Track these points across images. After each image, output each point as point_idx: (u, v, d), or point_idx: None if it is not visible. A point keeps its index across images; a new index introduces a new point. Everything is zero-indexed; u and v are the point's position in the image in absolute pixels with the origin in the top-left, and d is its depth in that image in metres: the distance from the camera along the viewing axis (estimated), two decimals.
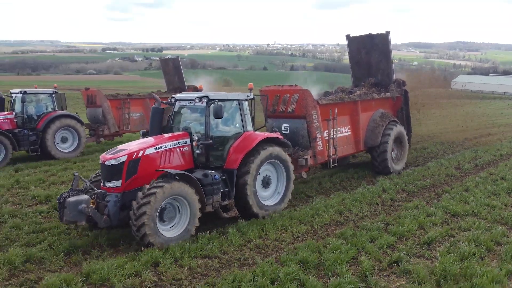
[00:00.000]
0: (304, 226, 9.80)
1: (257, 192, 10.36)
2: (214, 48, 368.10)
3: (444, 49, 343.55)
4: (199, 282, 7.13)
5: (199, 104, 10.02)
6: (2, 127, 18.05)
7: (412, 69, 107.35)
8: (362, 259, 7.84)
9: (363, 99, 14.14)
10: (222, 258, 8.12)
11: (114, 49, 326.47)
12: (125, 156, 8.91)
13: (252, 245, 8.74)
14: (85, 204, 8.46)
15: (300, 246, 8.48)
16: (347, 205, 11.25)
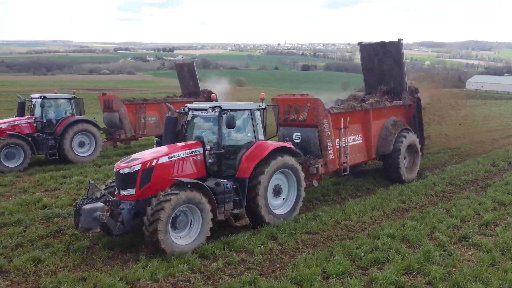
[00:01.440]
0: (378, 212, 11.82)
1: (269, 201, 10.54)
2: (225, 48, 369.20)
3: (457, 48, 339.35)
4: (314, 250, 9.14)
5: (212, 114, 10.23)
6: (22, 131, 18.51)
7: (424, 68, 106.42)
8: (436, 235, 9.82)
9: (375, 107, 14.19)
10: (323, 234, 10.20)
11: (126, 49, 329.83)
12: (139, 165, 9.18)
13: (341, 225, 10.78)
14: (100, 212, 8.75)
15: (383, 225, 10.51)
16: (407, 195, 13.23)
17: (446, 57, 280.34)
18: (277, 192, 10.96)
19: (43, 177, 16.08)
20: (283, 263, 8.55)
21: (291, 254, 9.02)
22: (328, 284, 7.59)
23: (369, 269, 8.13)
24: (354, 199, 12.91)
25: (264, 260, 8.69)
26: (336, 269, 7.97)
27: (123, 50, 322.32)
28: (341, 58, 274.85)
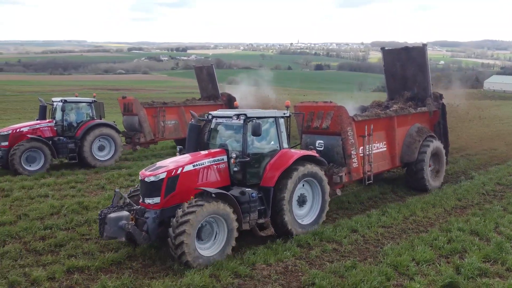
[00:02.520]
0: (439, 209, 12.69)
1: (293, 210, 10.39)
2: (238, 47, 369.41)
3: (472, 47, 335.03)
4: (395, 241, 10.19)
5: (236, 122, 10.12)
6: (43, 135, 18.60)
7: (439, 68, 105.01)
8: (501, 230, 10.78)
9: (400, 114, 13.95)
10: (396, 227, 11.23)
11: (139, 49, 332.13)
12: (164, 173, 9.09)
13: (410, 220, 11.78)
14: (125, 221, 8.67)
15: (450, 220, 11.55)
16: (461, 194, 14.01)
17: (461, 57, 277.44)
18: (301, 202, 10.81)
19: (112, 175, 17.08)
20: (370, 252, 9.69)
21: (374, 245, 10.12)
22: (421, 268, 8.70)
23: (450, 258, 9.24)
24: (413, 197, 13.91)
25: (353, 249, 9.80)
26: (423, 257, 9.05)
27: (137, 49, 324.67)
28: (354, 58, 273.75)
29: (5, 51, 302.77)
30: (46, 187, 15.45)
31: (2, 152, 17.96)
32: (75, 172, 17.98)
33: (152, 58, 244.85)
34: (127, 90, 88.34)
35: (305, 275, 8.42)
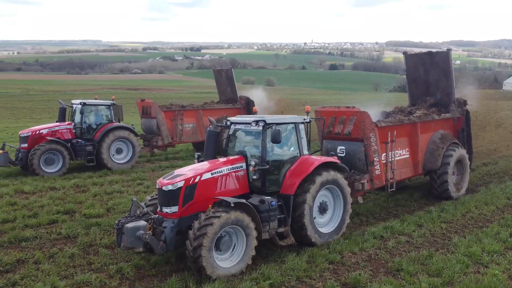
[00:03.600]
0: (492, 206, 13.40)
1: (314, 219, 10.12)
2: (252, 47, 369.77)
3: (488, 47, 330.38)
4: (460, 235, 11.05)
5: (255, 128, 9.90)
6: (62, 137, 18.69)
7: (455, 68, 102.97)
8: None
9: (423, 121, 13.65)
10: (457, 222, 12.08)
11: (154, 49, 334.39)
12: (182, 182, 8.91)
13: (468, 216, 12.56)
14: (142, 231, 8.45)
15: (505, 217, 12.41)
16: (509, 193, 14.75)
17: (478, 57, 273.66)
18: (322, 210, 10.52)
19: None
20: (440, 244, 10.57)
21: (441, 238, 10.99)
22: (493, 258, 9.51)
23: None
24: (466, 195, 14.58)
25: (423, 242, 10.68)
26: (491, 249, 9.90)
27: (151, 49, 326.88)
28: (369, 58, 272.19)
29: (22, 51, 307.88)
30: (115, 184, 16.44)
31: (21, 154, 18.10)
32: (135, 170, 19.14)
33: (167, 57, 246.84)
34: (146, 90, 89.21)
35: (389, 263, 9.40)
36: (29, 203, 13.66)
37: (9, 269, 9.04)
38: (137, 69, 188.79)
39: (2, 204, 13.43)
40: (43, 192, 15.24)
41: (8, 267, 9.08)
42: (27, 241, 10.54)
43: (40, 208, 13.17)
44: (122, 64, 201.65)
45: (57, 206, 13.34)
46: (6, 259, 9.36)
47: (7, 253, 9.78)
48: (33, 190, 15.30)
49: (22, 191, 15.25)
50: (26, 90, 79.30)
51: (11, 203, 13.61)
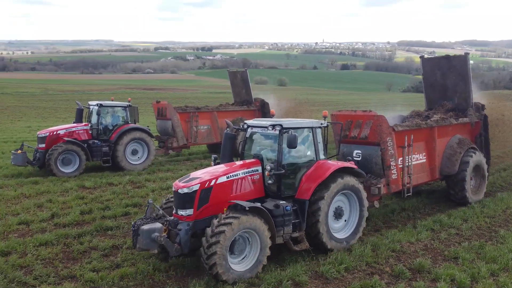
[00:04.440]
0: None
1: (329, 224, 10.10)
2: (262, 47, 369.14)
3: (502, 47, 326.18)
4: (504, 228, 11.96)
5: (272, 132, 9.91)
6: (78, 138, 18.89)
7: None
8: None
9: (441, 125, 13.56)
10: (499, 217, 12.92)
11: (166, 48, 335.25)
12: (198, 185, 8.96)
13: (508, 212, 13.42)
14: (158, 233, 8.53)
15: None
16: None
17: (491, 56, 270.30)
18: (338, 215, 10.48)
19: None
20: (487, 236, 11.43)
21: (487, 231, 11.83)
22: None
23: None
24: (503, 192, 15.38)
25: (472, 234, 11.56)
26: None
27: (163, 49, 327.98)
28: (380, 57, 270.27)
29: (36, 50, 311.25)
30: (167, 180, 17.21)
31: (39, 154, 18.34)
32: (180, 168, 20.12)
33: (178, 57, 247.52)
34: (162, 90, 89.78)
35: (445, 252, 10.35)
36: (96, 197, 14.88)
37: (108, 253, 10.16)
38: (149, 69, 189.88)
39: (72, 198, 14.62)
40: (103, 187, 16.44)
41: (107, 251, 10.22)
42: (112, 230, 11.63)
43: (108, 201, 14.29)
44: (135, 64, 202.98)
45: (122, 199, 14.46)
46: (103, 244, 10.50)
47: (101, 240, 10.91)
48: (93, 186, 16.49)
49: (84, 186, 16.42)
50: (45, 90, 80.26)
51: (80, 197, 14.81)
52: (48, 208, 13.45)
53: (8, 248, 10.20)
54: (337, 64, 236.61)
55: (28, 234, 11.40)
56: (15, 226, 11.88)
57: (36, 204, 13.86)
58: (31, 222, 12.13)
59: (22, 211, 13.21)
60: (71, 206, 13.77)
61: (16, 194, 15.07)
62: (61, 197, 14.83)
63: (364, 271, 9.34)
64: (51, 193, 15.28)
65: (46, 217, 12.58)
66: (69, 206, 13.79)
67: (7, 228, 11.71)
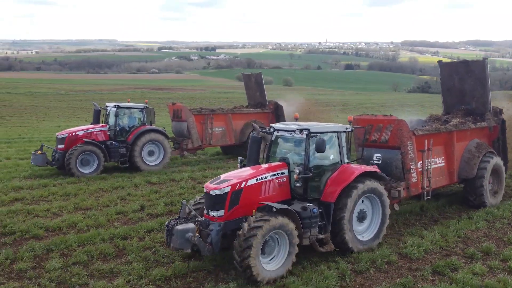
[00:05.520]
0: None
1: (353, 227, 10.31)
2: (266, 46, 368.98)
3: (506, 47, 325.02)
4: None
5: (299, 136, 10.12)
6: (96, 139, 19.15)
7: None
8: None
9: (459, 129, 13.75)
10: None
11: (169, 48, 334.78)
12: (229, 187, 9.19)
13: None
14: (191, 233, 8.81)
15: None
16: None
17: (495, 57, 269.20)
18: (361, 218, 10.70)
19: None
20: None
21: None
22: None
23: None
24: None
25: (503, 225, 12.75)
26: None
27: (167, 49, 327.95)
28: (384, 57, 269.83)
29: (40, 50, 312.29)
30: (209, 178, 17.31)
31: (58, 154, 18.60)
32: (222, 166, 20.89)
33: (182, 57, 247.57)
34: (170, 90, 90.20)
35: (504, 238, 11.61)
36: (168, 191, 16.01)
37: None
38: (154, 68, 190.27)
39: (148, 192, 15.83)
40: (167, 183, 17.61)
41: None
42: None
43: (181, 195, 15.48)
44: (139, 64, 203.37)
45: (193, 194, 15.34)
46: None
47: None
48: (158, 181, 17.67)
49: (150, 182, 17.58)
50: (56, 90, 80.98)
51: (154, 191, 16.02)
52: (131, 201, 14.76)
53: (125, 233, 11.44)
54: (340, 64, 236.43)
55: (129, 222, 12.69)
56: (114, 215, 13.10)
57: (119, 197, 15.21)
58: (126, 213, 13.45)
59: (110, 203, 14.43)
60: (150, 199, 15.04)
61: (94, 188, 16.29)
62: (138, 191, 16.03)
63: (440, 253, 10.68)
64: (125, 188, 16.47)
65: (137, 208, 13.88)
66: (149, 199, 15.06)
67: (110, 217, 12.93)
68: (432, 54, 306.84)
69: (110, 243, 10.86)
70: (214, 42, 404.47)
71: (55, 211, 13.43)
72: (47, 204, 14.10)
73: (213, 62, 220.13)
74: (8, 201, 14.36)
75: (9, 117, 47.10)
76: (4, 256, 9.84)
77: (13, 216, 12.76)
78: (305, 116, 22.59)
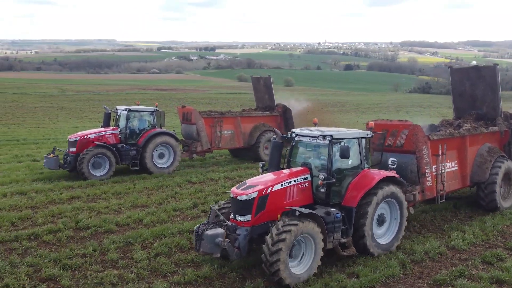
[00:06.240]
0: None
1: (373, 230, 10.53)
2: (265, 47, 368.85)
3: (505, 47, 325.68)
4: None
5: (321, 141, 10.28)
6: (107, 142, 19.29)
7: None
8: None
9: (472, 134, 13.96)
10: None
11: (169, 48, 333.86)
12: (256, 193, 9.38)
13: None
14: (221, 238, 9.02)
15: None
16: None
17: (494, 57, 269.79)
18: (380, 221, 10.92)
19: None
20: None
21: None
22: None
23: None
24: None
25: None
26: None
27: (166, 49, 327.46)
28: (383, 58, 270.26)
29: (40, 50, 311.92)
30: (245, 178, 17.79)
31: (70, 157, 18.72)
32: (241, 166, 21.66)
33: (182, 57, 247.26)
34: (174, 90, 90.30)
35: None
36: (211, 190, 16.87)
37: None
38: (154, 69, 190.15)
39: (194, 191, 16.69)
40: (207, 182, 18.46)
41: None
42: None
43: (224, 194, 16.03)
44: (139, 64, 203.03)
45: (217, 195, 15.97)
46: None
47: None
48: (198, 181, 18.53)
49: (190, 181, 18.43)
50: (61, 90, 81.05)
51: (199, 190, 16.88)
52: (181, 199, 15.64)
53: (191, 227, 11.87)
54: (340, 65, 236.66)
55: (188, 218, 13.50)
56: (172, 212, 14.00)
57: (169, 195, 16.06)
58: (181, 210, 14.31)
59: (162, 201, 15.38)
60: (198, 197, 15.84)
61: (141, 187, 17.18)
62: (183, 190, 16.83)
63: (483, 245, 11.65)
64: (169, 187, 17.36)
65: (190, 205, 14.68)
66: (197, 197, 15.86)
67: (169, 213, 13.87)
68: (431, 54, 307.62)
69: (181, 236, 11.75)
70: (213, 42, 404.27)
71: (115, 208, 14.41)
72: (105, 202, 15.09)
73: (213, 62, 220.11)
74: (66, 199, 15.40)
75: (23, 118, 47.30)
76: (93, 248, 10.86)
77: (78, 213, 13.75)
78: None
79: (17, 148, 26.60)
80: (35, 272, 9.56)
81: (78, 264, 9.98)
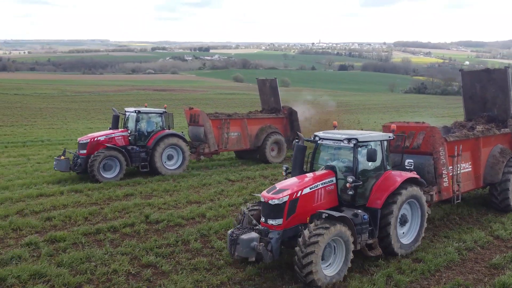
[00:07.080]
0: None
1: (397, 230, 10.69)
2: (260, 47, 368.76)
3: (497, 48, 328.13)
4: None
5: (346, 145, 10.41)
6: (117, 144, 19.31)
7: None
8: None
9: (485, 135, 14.18)
10: None
11: (163, 48, 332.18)
12: (287, 196, 9.51)
13: None
14: (256, 242, 9.15)
15: None
16: None
17: (486, 57, 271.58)
18: (403, 222, 11.11)
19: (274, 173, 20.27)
20: None
21: None
22: None
23: None
24: None
25: None
26: None
27: (160, 49, 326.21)
28: (377, 58, 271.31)
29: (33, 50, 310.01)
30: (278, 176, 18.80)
31: (80, 160, 18.71)
32: (269, 166, 22.27)
33: (176, 57, 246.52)
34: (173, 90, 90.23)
35: None
36: (254, 187, 17.56)
37: None
38: (149, 69, 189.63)
39: (238, 188, 17.41)
40: (245, 180, 19.08)
41: None
42: None
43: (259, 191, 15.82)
44: (133, 64, 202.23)
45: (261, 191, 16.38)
46: None
47: None
48: (236, 179, 19.21)
49: (229, 179, 19.16)
50: (61, 91, 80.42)
51: (243, 187, 17.58)
52: (229, 196, 16.32)
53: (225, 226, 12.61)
54: (334, 65, 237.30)
55: (231, 215, 13.88)
56: (228, 208, 14.68)
57: (217, 192, 16.76)
58: (236, 205, 14.88)
59: (213, 197, 16.11)
60: (243, 194, 16.43)
61: (186, 185, 17.88)
62: (228, 188, 17.56)
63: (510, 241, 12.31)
64: (213, 185, 18.08)
65: (242, 201, 15.33)
66: (242, 194, 16.47)
67: (226, 209, 14.54)
68: (425, 54, 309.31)
69: None
70: (207, 43, 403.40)
71: (172, 204, 15.15)
72: (159, 199, 15.78)
73: (208, 62, 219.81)
74: (122, 196, 16.15)
75: (32, 119, 46.70)
76: (174, 239, 11.70)
77: (141, 208, 14.52)
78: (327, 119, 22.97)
79: (45, 149, 26.95)
80: (132, 260, 10.46)
81: (168, 252, 10.87)
